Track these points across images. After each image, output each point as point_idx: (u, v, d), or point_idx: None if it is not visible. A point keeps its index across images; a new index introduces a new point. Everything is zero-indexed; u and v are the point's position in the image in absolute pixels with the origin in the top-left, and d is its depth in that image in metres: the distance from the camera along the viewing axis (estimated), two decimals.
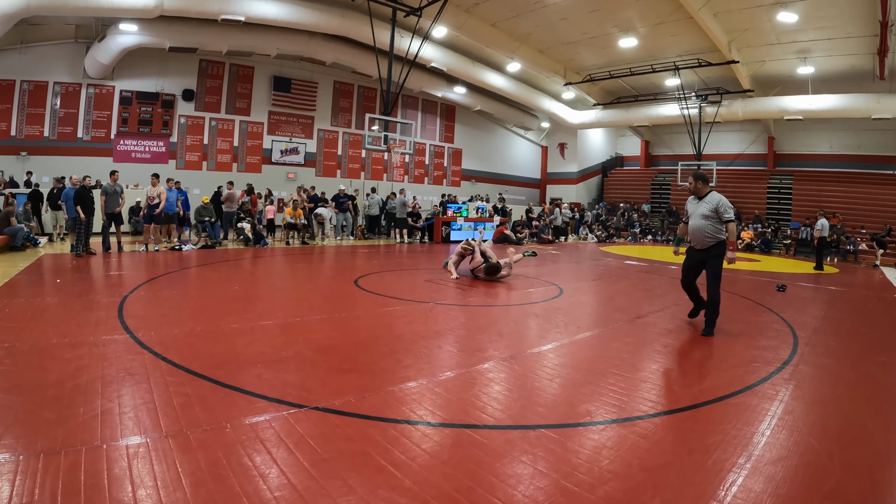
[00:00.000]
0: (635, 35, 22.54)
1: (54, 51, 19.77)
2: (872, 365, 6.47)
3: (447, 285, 11.14)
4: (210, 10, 17.92)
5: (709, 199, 7.56)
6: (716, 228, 7.45)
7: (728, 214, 7.39)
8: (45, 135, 19.79)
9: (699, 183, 7.72)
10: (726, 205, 7.45)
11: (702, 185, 7.72)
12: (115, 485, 2.97)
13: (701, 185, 7.71)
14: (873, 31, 18.90)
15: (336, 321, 7.48)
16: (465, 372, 5.36)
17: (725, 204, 7.44)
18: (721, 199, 7.48)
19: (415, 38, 18.79)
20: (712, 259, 7.52)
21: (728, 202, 7.52)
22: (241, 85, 24.21)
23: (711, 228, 7.47)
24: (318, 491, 3.02)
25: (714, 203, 7.47)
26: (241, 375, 4.85)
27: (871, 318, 10.04)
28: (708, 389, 5.12)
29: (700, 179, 7.75)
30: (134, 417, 3.87)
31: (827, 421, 4.52)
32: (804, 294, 12.41)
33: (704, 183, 7.75)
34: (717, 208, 7.43)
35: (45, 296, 8.25)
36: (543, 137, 37.70)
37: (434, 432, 3.92)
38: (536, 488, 3.18)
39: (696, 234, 7.67)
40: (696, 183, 7.74)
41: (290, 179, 25.13)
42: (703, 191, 7.70)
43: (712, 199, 7.51)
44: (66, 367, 4.81)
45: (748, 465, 3.57)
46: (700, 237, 7.60)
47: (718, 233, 7.44)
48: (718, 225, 7.45)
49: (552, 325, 7.82)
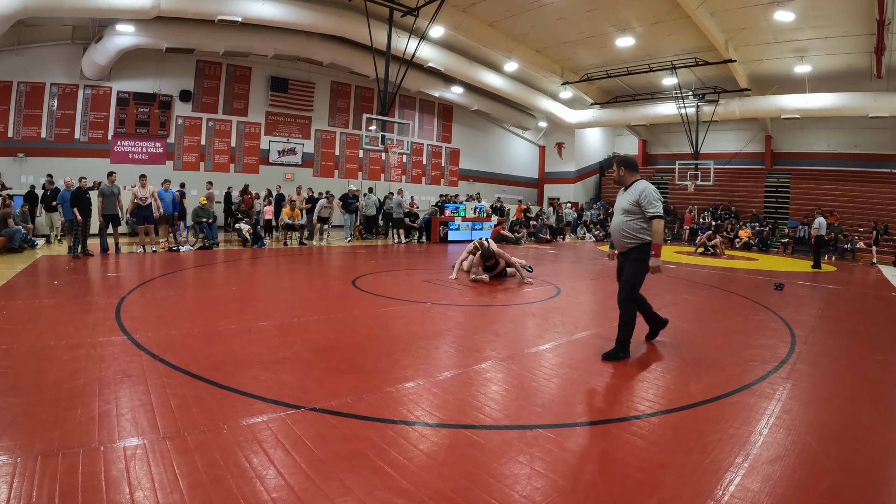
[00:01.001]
0: (632, 34, 22.53)
1: (51, 52, 19.75)
2: (870, 363, 6.48)
3: (444, 285, 11.13)
4: (207, 10, 17.90)
5: (632, 190, 6.17)
6: (638, 227, 6.07)
7: (653, 208, 5.97)
8: (43, 136, 19.78)
9: (623, 169, 6.33)
10: (652, 196, 6.00)
11: (626, 173, 6.31)
12: (112, 487, 2.97)
13: (625, 173, 6.31)
14: (870, 29, 18.91)
15: (333, 322, 7.47)
16: (463, 372, 5.37)
17: (651, 195, 6.01)
18: (646, 188, 6.08)
19: (412, 38, 18.75)
20: (630, 263, 6.18)
21: (656, 193, 6.10)
22: (239, 85, 24.21)
23: (632, 226, 6.09)
24: (315, 492, 3.02)
25: (636, 194, 6.07)
26: (238, 377, 4.85)
27: (868, 317, 10.04)
28: (705, 388, 5.12)
29: (624, 165, 6.35)
30: (131, 419, 3.87)
31: (825, 420, 4.52)
32: (802, 293, 12.42)
33: (630, 170, 6.32)
34: (639, 200, 6.02)
35: (42, 297, 8.24)
36: (541, 137, 37.71)
37: (431, 433, 3.92)
38: (533, 488, 3.18)
39: (614, 233, 6.38)
40: (620, 169, 6.36)
41: (288, 180, 25.11)
42: (628, 179, 6.29)
43: (636, 189, 6.12)
44: (63, 369, 4.81)
45: (746, 464, 3.58)
46: (618, 237, 6.28)
47: (641, 232, 6.07)
48: (642, 222, 6.06)
49: (550, 325, 7.82)
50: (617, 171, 6.35)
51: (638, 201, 6.01)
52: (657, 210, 5.96)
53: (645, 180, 6.21)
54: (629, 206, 6.10)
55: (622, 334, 6.14)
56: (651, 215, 5.97)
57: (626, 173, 6.28)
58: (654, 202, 5.97)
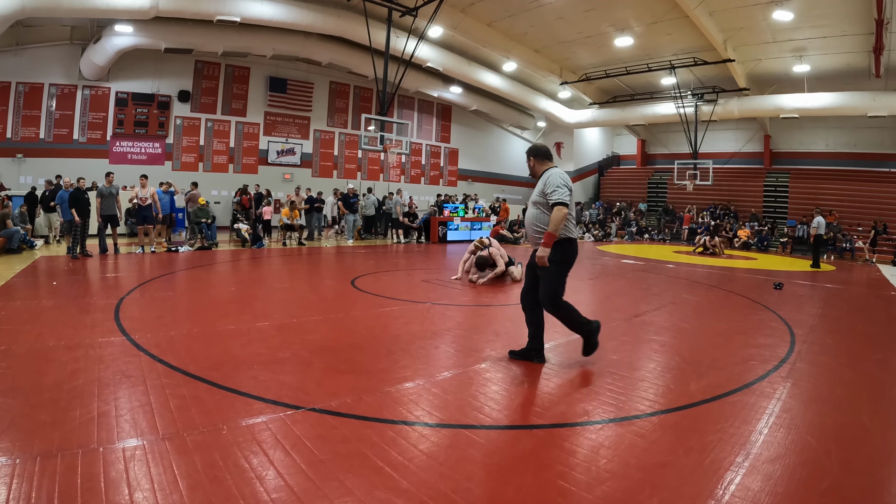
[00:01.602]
0: (631, 34, 22.52)
1: (50, 52, 19.72)
2: (869, 362, 6.48)
3: (444, 285, 11.13)
4: (206, 10, 17.88)
5: (541, 179, 5.64)
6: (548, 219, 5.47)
7: (556, 195, 5.33)
8: (41, 137, 19.73)
9: (532, 159, 5.91)
10: (556, 181, 5.40)
11: (536, 162, 5.87)
12: (111, 488, 2.96)
13: (535, 163, 5.88)
14: (869, 28, 18.91)
15: (333, 322, 7.47)
16: (462, 372, 5.36)
17: (555, 180, 5.42)
18: (552, 174, 5.52)
19: (410, 38, 18.75)
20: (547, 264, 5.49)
21: (562, 179, 5.46)
22: (237, 86, 24.18)
23: (544, 220, 5.51)
24: (315, 492, 3.02)
25: (542, 182, 5.57)
26: (237, 377, 4.84)
27: (867, 316, 10.05)
28: (705, 388, 5.11)
29: (533, 154, 5.90)
30: (130, 420, 3.86)
31: (824, 419, 4.52)
32: (801, 292, 12.42)
33: (540, 158, 5.86)
34: (543, 189, 5.49)
35: (41, 298, 8.23)
36: (540, 137, 37.66)
37: (431, 433, 3.92)
38: (533, 488, 3.17)
39: (528, 228, 5.84)
40: (530, 160, 5.92)
41: (287, 180, 25.09)
42: (539, 169, 5.83)
43: (542, 178, 5.61)
44: (62, 370, 4.80)
45: (746, 463, 3.57)
46: (530, 232, 5.75)
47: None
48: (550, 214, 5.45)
49: (548, 325, 7.79)
50: (528, 161, 5.96)
51: (543, 190, 5.49)
52: (558, 197, 5.31)
53: (557, 168, 5.69)
54: (538, 196, 5.58)
55: (579, 330, 5.70)
56: (553, 202, 5.33)
57: (537, 163, 5.86)
58: (557, 188, 5.34)
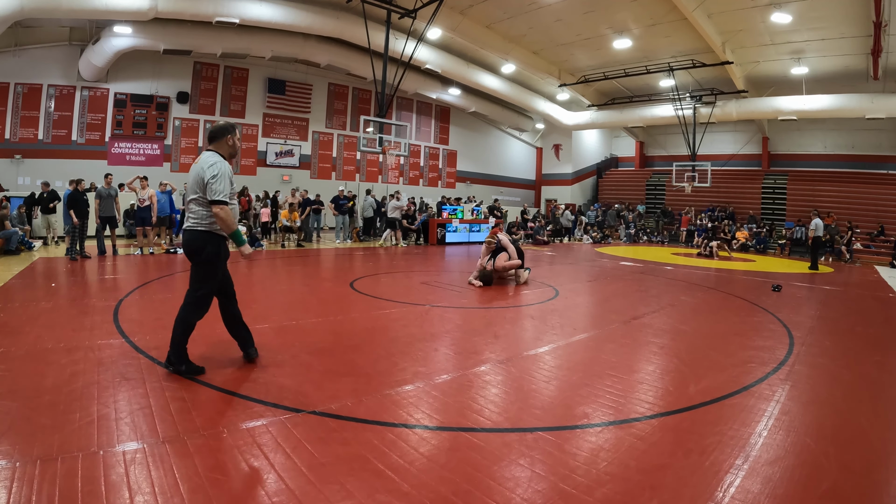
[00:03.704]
0: (629, 36, 22.56)
1: (48, 53, 19.70)
2: (868, 364, 6.49)
3: (442, 288, 11.14)
4: (204, 12, 17.89)
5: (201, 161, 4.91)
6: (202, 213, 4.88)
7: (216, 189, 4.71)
8: (40, 138, 19.70)
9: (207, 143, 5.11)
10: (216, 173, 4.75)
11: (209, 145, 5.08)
12: (112, 491, 2.96)
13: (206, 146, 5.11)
14: (867, 31, 18.96)
15: (332, 324, 7.46)
16: (462, 375, 5.37)
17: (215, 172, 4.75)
18: (206, 160, 4.85)
19: (409, 40, 18.77)
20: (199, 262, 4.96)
21: (223, 168, 4.83)
22: (236, 87, 24.17)
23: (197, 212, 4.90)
24: (315, 496, 3.02)
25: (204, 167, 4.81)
26: (237, 380, 4.84)
27: (866, 318, 10.06)
28: (704, 390, 5.12)
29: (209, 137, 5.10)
30: (130, 423, 3.86)
31: (823, 421, 4.54)
32: (799, 294, 12.44)
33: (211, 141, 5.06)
34: (204, 176, 4.76)
35: (39, 300, 8.21)
36: (538, 139, 37.72)
37: (431, 436, 3.92)
38: (534, 491, 3.18)
39: None
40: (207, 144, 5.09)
41: (285, 182, 25.08)
42: None
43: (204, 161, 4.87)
44: (61, 373, 4.80)
45: (745, 465, 3.59)
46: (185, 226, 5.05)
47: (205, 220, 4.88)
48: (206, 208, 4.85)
49: (548, 327, 7.82)
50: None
51: (203, 177, 4.77)
52: (218, 192, 4.71)
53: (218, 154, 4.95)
54: (194, 181, 4.85)
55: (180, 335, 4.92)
56: (210, 200, 4.73)
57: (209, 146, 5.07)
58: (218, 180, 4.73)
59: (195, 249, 4.89)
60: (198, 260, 4.93)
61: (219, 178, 4.72)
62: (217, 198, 4.70)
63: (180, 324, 4.89)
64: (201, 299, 4.96)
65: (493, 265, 11.48)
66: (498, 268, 11.52)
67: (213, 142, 5.03)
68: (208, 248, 4.87)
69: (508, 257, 11.62)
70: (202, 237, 4.87)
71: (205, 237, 4.86)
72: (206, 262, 4.91)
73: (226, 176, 4.78)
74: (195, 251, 4.89)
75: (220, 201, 4.70)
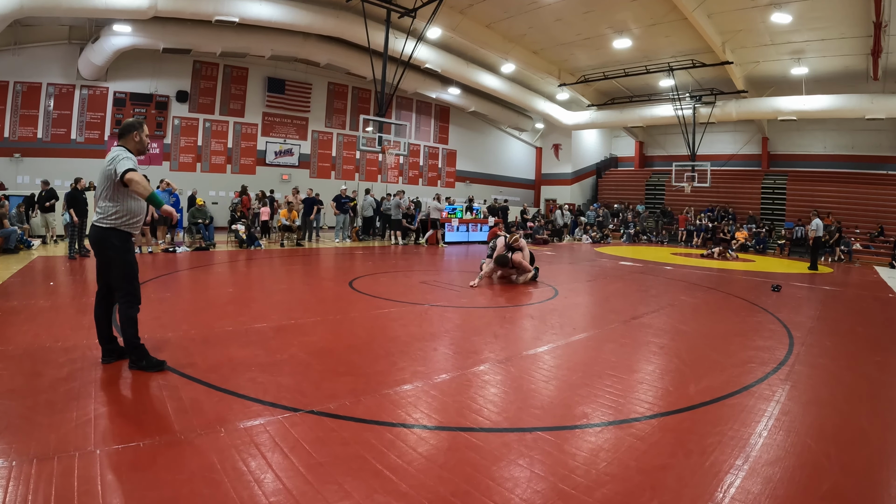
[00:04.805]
0: (629, 36, 22.58)
1: (48, 52, 19.70)
2: (868, 364, 6.48)
3: (442, 287, 11.13)
4: (204, 11, 17.89)
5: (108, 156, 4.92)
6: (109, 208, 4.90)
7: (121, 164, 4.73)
8: (39, 136, 19.71)
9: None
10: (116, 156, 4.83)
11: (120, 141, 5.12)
12: (108, 491, 2.95)
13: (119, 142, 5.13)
14: (867, 31, 18.97)
15: (331, 323, 7.45)
16: (461, 374, 5.35)
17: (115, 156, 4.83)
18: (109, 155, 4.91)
19: (409, 40, 18.77)
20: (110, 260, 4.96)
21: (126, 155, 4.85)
22: (235, 86, 24.18)
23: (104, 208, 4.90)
24: (313, 496, 3.00)
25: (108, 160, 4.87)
26: (235, 379, 4.82)
27: (866, 318, 10.06)
28: (704, 390, 5.11)
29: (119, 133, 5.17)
30: (127, 422, 3.85)
31: (823, 421, 4.52)
32: (799, 294, 12.42)
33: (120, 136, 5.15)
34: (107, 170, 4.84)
35: (38, 298, 8.19)
36: (538, 138, 37.74)
37: (430, 435, 3.91)
38: (533, 491, 3.17)
39: None
40: None
41: (285, 181, 25.08)
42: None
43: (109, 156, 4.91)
44: (59, 372, 4.77)
45: (746, 466, 3.57)
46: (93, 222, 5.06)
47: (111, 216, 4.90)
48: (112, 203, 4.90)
49: (547, 327, 7.81)
50: None
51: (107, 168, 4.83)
52: (125, 164, 4.72)
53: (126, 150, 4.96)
54: (101, 177, 4.91)
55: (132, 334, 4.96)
56: (120, 172, 4.69)
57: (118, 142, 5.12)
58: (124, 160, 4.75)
59: (103, 246, 4.93)
60: (107, 255, 4.96)
61: (120, 158, 4.77)
62: (126, 167, 4.71)
63: (126, 322, 4.94)
64: (131, 293, 5.01)
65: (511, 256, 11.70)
66: (516, 262, 11.66)
67: (121, 138, 5.12)
68: (115, 242, 4.90)
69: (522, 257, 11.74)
70: (107, 233, 4.90)
71: (110, 233, 4.90)
72: (116, 257, 4.93)
73: (126, 159, 4.78)
74: (103, 248, 4.94)
75: (128, 169, 4.70)
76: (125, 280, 4.96)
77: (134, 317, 4.97)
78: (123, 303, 4.96)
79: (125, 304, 4.95)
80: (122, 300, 4.97)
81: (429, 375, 5.24)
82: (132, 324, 4.94)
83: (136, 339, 4.95)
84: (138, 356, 4.94)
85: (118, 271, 4.94)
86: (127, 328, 4.93)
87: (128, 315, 4.94)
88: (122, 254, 4.92)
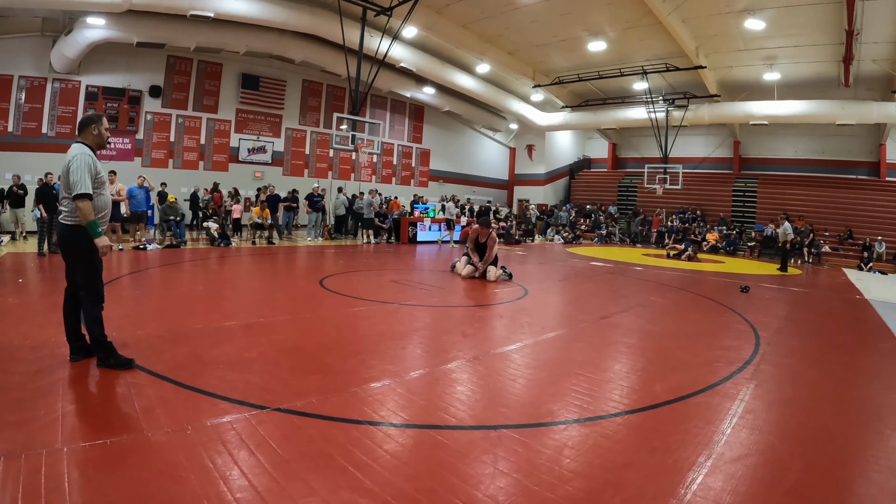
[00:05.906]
0: (605, 39, 22.76)
1: (20, 44, 19.35)
2: (833, 364, 6.61)
3: (412, 286, 11.14)
4: (179, 5, 17.70)
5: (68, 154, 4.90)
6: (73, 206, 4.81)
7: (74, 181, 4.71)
8: (10, 130, 19.37)
9: None
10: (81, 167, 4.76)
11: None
12: (75, 488, 2.93)
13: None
14: (839, 39, 19.26)
15: (300, 322, 7.43)
16: (429, 372, 5.37)
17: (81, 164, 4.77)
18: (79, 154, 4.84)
19: (384, 38, 18.72)
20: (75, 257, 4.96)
21: (82, 161, 4.79)
22: (209, 82, 23.94)
23: (69, 205, 4.84)
24: (279, 493, 3.01)
25: (67, 159, 4.83)
26: (203, 377, 4.80)
27: (832, 319, 10.24)
28: (670, 389, 5.17)
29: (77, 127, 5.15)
30: (96, 420, 3.82)
31: (788, 419, 4.61)
32: (767, 295, 12.59)
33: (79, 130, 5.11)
34: (69, 169, 4.78)
35: (6, 296, 8.06)
36: (511, 139, 37.86)
37: (397, 433, 3.92)
38: (497, 488, 3.19)
39: None
40: None
41: (258, 178, 24.93)
42: None
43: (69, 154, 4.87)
44: (27, 369, 4.72)
45: (708, 463, 3.63)
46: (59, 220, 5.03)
47: (76, 214, 4.81)
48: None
49: (517, 326, 7.85)
50: None
51: (68, 170, 4.77)
52: (80, 189, 4.69)
53: (84, 145, 4.97)
54: (63, 174, 4.88)
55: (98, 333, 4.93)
56: (75, 193, 4.70)
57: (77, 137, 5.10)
58: (80, 177, 4.72)
59: (69, 244, 4.92)
60: (74, 254, 4.93)
61: (75, 171, 4.72)
62: (78, 191, 4.70)
63: (91, 321, 4.92)
64: (95, 291, 4.97)
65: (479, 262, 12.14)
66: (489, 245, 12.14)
67: (80, 133, 5.07)
68: (80, 240, 4.86)
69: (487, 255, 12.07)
70: (72, 230, 4.88)
71: (77, 231, 4.86)
72: (80, 254, 4.90)
73: (83, 168, 4.76)
74: (69, 245, 4.92)
75: (81, 195, 4.69)
76: (88, 278, 4.93)
77: (98, 315, 4.94)
78: (87, 301, 4.93)
79: (89, 303, 4.92)
80: (85, 299, 4.94)
81: (397, 374, 5.25)
82: (97, 322, 4.91)
83: (102, 336, 4.92)
84: (106, 354, 4.92)
85: (81, 269, 4.92)
86: (93, 327, 4.91)
87: (92, 314, 4.92)
88: (86, 252, 4.87)
